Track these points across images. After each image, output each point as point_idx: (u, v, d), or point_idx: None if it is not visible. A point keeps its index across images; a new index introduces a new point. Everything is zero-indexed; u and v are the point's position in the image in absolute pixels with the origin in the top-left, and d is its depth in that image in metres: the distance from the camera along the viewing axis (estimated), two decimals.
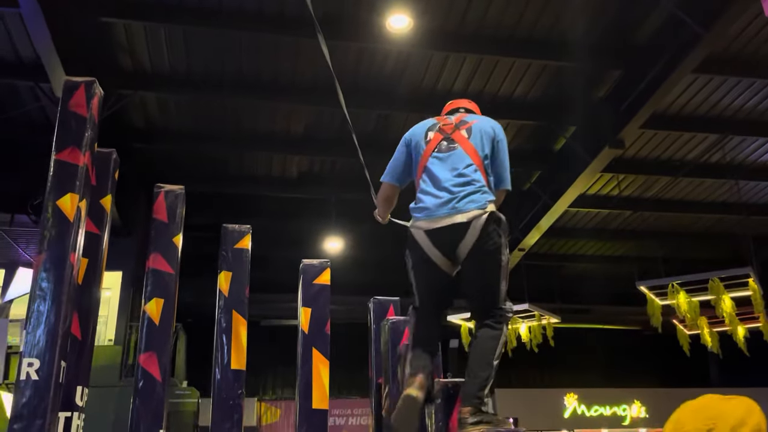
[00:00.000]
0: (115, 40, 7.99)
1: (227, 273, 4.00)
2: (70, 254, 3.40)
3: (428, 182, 2.97)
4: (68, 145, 3.58)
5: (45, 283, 3.32)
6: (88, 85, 3.72)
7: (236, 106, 9.29)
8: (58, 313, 3.28)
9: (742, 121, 9.94)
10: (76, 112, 3.66)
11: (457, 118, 3.19)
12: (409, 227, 2.97)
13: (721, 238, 13.72)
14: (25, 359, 3.17)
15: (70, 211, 3.45)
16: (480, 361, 2.66)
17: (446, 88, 9.13)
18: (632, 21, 8.03)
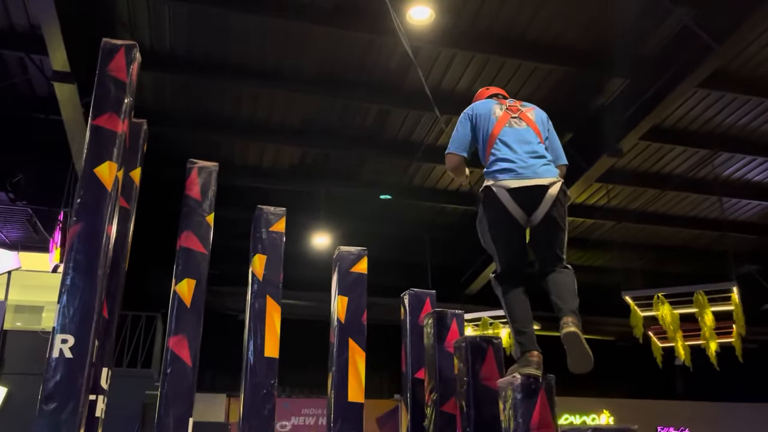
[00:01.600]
0: (117, 16, 7.68)
1: (261, 256, 3.82)
2: (108, 226, 3.19)
3: (505, 150, 3.38)
4: (106, 111, 3.39)
5: (81, 255, 3.10)
6: (128, 48, 3.51)
7: (235, 92, 9.04)
8: (94, 288, 3.08)
9: (733, 138, 10.12)
10: (115, 77, 3.46)
11: (516, 102, 3.66)
12: (491, 186, 3.28)
13: (699, 253, 13.99)
14: (59, 335, 2.96)
15: (109, 180, 3.25)
16: (571, 291, 3.22)
17: (450, 86, 9.06)
18: (642, 31, 8.08)
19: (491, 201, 3.25)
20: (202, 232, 3.70)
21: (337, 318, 3.78)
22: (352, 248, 4.00)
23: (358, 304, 3.82)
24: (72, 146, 8.38)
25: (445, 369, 3.32)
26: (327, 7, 7.65)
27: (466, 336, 3.15)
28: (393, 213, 12.32)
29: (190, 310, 3.52)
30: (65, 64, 7.12)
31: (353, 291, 3.85)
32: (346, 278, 3.88)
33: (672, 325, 10.66)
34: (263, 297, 3.71)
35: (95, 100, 3.40)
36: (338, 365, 3.66)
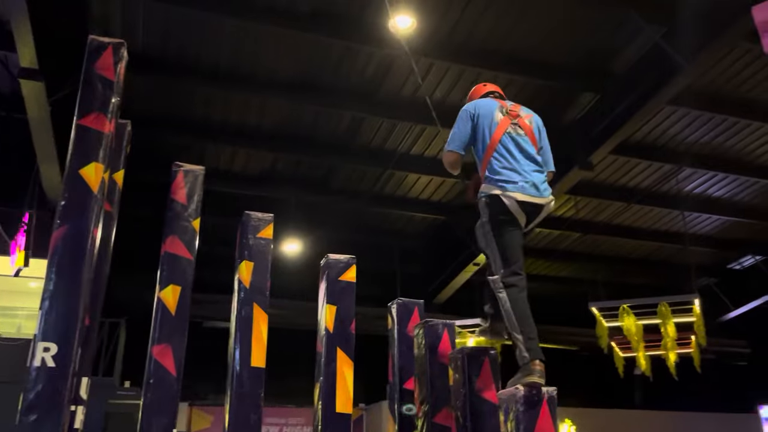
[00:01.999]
0: (89, 14, 7.48)
1: (249, 263, 3.73)
2: (93, 229, 3.08)
3: (508, 158, 3.49)
4: (93, 110, 3.28)
5: (64, 259, 2.98)
6: (116, 47, 3.41)
7: (208, 95, 8.89)
8: (78, 294, 2.96)
9: (696, 153, 10.41)
10: (102, 75, 3.35)
11: (515, 105, 3.75)
12: (499, 196, 3.39)
13: (659, 266, 14.32)
14: (41, 343, 2.84)
15: (95, 182, 3.14)
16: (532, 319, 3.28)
17: (425, 95, 9.07)
18: (614, 48, 8.26)
19: (500, 208, 3.39)
20: (187, 237, 3.60)
21: (325, 327, 3.72)
22: (340, 256, 3.94)
23: (347, 313, 3.76)
24: (36, 145, 8.09)
25: (438, 379, 3.29)
26: (304, 12, 7.60)
27: (463, 347, 3.13)
28: (363, 221, 12.29)
29: (175, 317, 3.41)
30: (33, 61, 6.88)
31: (342, 300, 3.79)
32: (335, 287, 3.82)
33: (636, 336, 10.87)
34: (250, 305, 3.63)
35: (81, 98, 3.28)
36: (326, 375, 3.60)
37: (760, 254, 13.68)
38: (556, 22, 7.87)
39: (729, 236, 13.16)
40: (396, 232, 12.78)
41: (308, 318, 10.48)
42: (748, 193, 11.62)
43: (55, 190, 8.90)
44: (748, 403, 15.54)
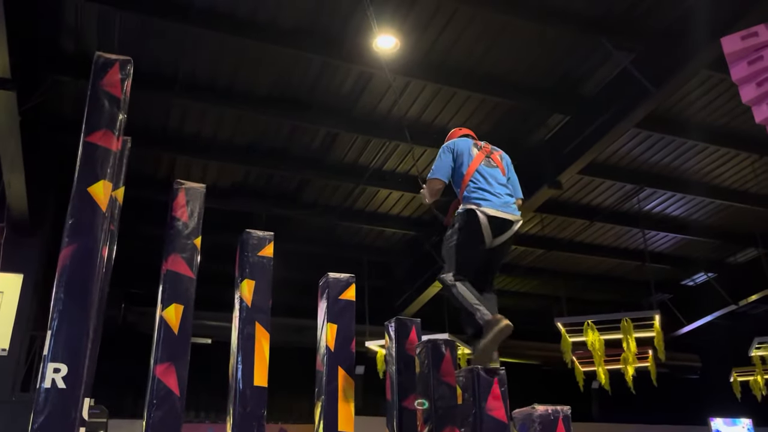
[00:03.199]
0: (62, 22, 7.34)
1: (250, 281, 3.72)
2: (102, 247, 3.04)
3: (483, 183, 4.01)
4: (100, 128, 3.25)
5: (74, 279, 2.94)
6: (123, 63, 3.39)
7: (184, 107, 8.79)
8: (88, 313, 2.92)
9: (656, 174, 10.81)
10: (109, 92, 3.33)
11: (487, 144, 4.35)
12: (474, 210, 3.88)
13: (617, 282, 14.75)
14: (51, 364, 2.78)
15: (103, 200, 3.12)
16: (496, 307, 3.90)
17: (399, 114, 9.19)
18: (584, 71, 8.55)
19: (471, 221, 3.86)
20: (189, 255, 3.58)
21: (326, 345, 3.74)
22: (340, 275, 3.98)
23: (348, 331, 3.79)
24: (3, 158, 7.86)
25: (442, 398, 3.34)
26: (286, 27, 7.62)
27: (473, 367, 3.20)
28: (333, 235, 12.30)
29: (178, 337, 3.38)
30: (5, 70, 6.71)
31: (342, 318, 3.82)
32: (335, 305, 3.85)
33: (599, 351, 11.15)
34: (252, 323, 3.62)
35: (88, 115, 3.24)
36: (327, 394, 3.61)
37: (712, 271, 14.23)
38: (529, 46, 8.10)
39: (684, 254, 13.67)
40: (365, 247, 12.83)
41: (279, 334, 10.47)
42: (703, 213, 12.11)
43: (20, 203, 8.65)
44: (699, 415, 16.09)
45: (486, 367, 3.18)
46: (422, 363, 3.56)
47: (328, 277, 3.95)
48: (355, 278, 4.00)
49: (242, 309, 3.66)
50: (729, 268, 14.06)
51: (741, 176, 10.92)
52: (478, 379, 3.02)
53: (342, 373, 3.66)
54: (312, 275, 11.27)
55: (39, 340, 9.34)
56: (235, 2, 7.24)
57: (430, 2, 7.33)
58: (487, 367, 3.18)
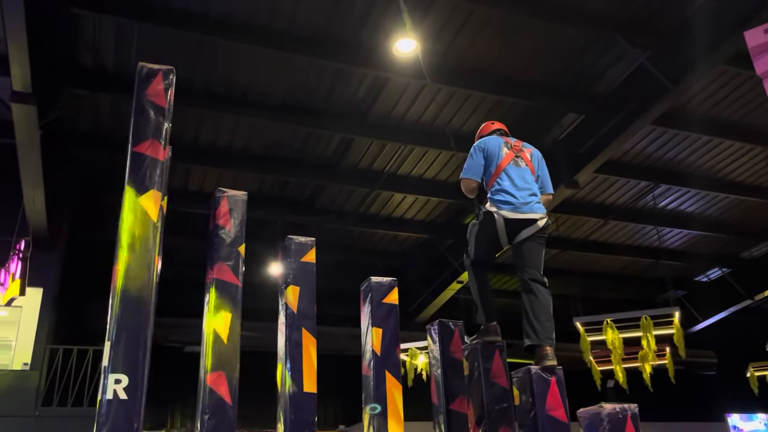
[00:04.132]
0: (80, 35, 7.36)
1: (294, 287, 3.71)
2: (155, 257, 3.04)
3: (508, 183, 4.10)
4: (147, 138, 3.25)
5: (130, 290, 2.93)
6: (165, 73, 3.39)
7: (199, 117, 8.80)
8: (145, 324, 2.91)
9: (670, 171, 10.80)
10: (154, 102, 3.33)
11: (518, 141, 4.41)
12: (493, 213, 4.04)
13: (631, 280, 14.73)
14: (112, 375, 2.77)
15: (154, 210, 3.10)
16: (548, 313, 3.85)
17: (415, 117, 9.21)
18: (598, 70, 8.55)
19: (489, 222, 4.06)
20: (234, 263, 3.56)
21: (372, 350, 3.72)
22: (382, 279, 3.96)
23: (393, 335, 3.78)
24: (23, 172, 7.86)
25: (494, 401, 3.32)
26: (302, 35, 7.63)
27: (528, 367, 3.18)
28: (348, 240, 12.28)
29: (227, 345, 3.37)
30: (27, 85, 6.72)
31: (386, 322, 3.80)
32: (379, 310, 3.83)
33: (619, 350, 11.10)
34: (299, 330, 3.60)
35: (135, 125, 3.24)
36: (376, 398, 3.59)
37: (726, 267, 14.21)
38: (544, 46, 8.11)
39: (697, 250, 13.65)
40: (380, 251, 12.83)
41: None
42: (717, 208, 12.09)
43: (39, 218, 8.65)
44: (716, 411, 16.02)
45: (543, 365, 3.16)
46: (471, 365, 3.55)
47: (370, 281, 3.93)
48: (397, 282, 3.99)
49: (288, 315, 3.65)
50: (743, 263, 14.04)
51: (755, 171, 10.91)
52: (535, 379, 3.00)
53: (390, 377, 3.64)
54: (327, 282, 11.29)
55: (59, 353, 9.34)
56: (250, 12, 7.26)
57: (445, 5, 7.34)
58: (545, 366, 3.17)
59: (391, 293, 3.88)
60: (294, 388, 3.47)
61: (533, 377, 3.05)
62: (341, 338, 12.02)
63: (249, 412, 13.18)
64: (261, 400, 10.18)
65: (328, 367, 12.23)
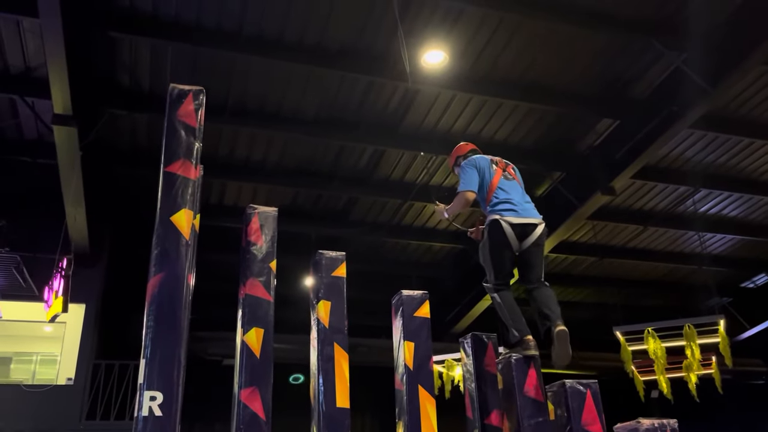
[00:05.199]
0: (118, 57, 7.56)
1: (326, 302, 3.71)
2: (187, 275, 3.08)
3: (504, 195, 4.35)
4: (179, 157, 3.29)
5: (163, 307, 2.97)
6: (195, 93, 3.45)
7: (233, 133, 8.94)
8: (179, 340, 2.94)
9: (711, 175, 10.53)
10: (185, 122, 3.38)
11: (501, 159, 4.66)
12: (498, 219, 4.20)
13: (673, 287, 14.37)
14: (147, 392, 2.80)
15: (186, 228, 3.15)
16: (555, 302, 4.13)
17: (446, 127, 9.19)
18: (633, 74, 8.40)
19: (497, 230, 4.19)
20: (266, 278, 3.58)
21: (405, 364, 3.70)
22: (413, 292, 3.94)
23: (425, 349, 3.75)
24: (65, 191, 8.09)
25: (529, 415, 3.27)
26: (332, 49, 7.70)
27: (563, 381, 3.12)
28: (381, 252, 12.29)
29: (260, 360, 3.38)
30: (68, 107, 6.93)
31: (419, 336, 3.78)
32: (411, 323, 3.81)
33: (662, 359, 10.83)
34: (331, 345, 3.60)
35: (166, 145, 3.30)
36: (410, 413, 3.57)
37: None
38: (575, 51, 8.01)
39: (742, 255, 13.25)
40: (413, 262, 12.80)
41: None
42: (761, 213, 11.74)
43: (81, 235, 8.88)
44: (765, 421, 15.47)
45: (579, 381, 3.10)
46: (505, 379, 3.50)
47: (401, 295, 3.92)
48: (428, 295, 3.96)
49: (320, 330, 3.65)
50: None
51: None
52: (570, 394, 2.94)
53: (423, 391, 3.61)
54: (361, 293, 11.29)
55: (102, 368, 9.53)
56: (281, 28, 7.36)
57: (474, 14, 7.32)
58: (580, 381, 3.11)
59: (422, 306, 3.85)
60: (327, 404, 3.47)
61: (568, 391, 2.99)
62: (378, 350, 12.01)
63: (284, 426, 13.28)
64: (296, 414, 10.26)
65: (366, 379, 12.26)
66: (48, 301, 7.86)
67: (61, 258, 8.14)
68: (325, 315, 3.70)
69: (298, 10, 7.12)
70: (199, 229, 3.60)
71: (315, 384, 3.59)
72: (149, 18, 7.08)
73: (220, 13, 7.13)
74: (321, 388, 3.55)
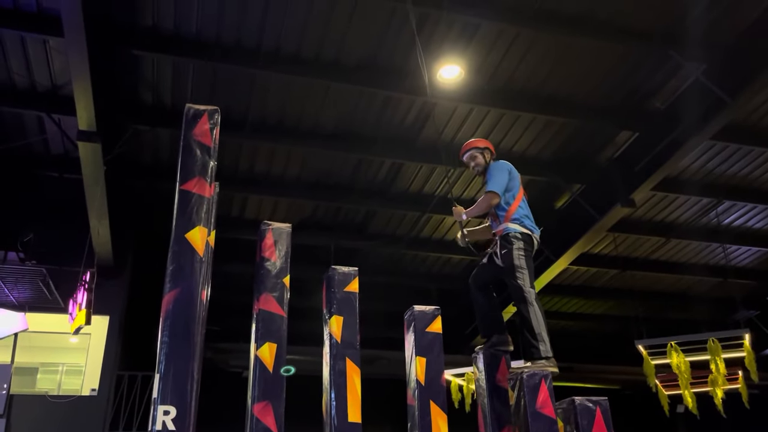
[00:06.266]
0: (140, 74, 7.73)
1: (338, 317, 3.77)
2: (201, 291, 3.15)
3: (527, 209, 4.53)
4: (194, 176, 3.39)
5: (177, 322, 3.05)
6: (210, 113, 3.55)
7: (253, 148, 9.07)
8: (193, 355, 3.01)
9: (735, 186, 10.39)
10: (200, 141, 3.48)
11: None
12: (531, 235, 4.41)
13: (698, 300, 14.13)
14: (161, 407, 2.89)
15: (200, 245, 3.23)
16: None
17: (463, 140, 9.14)
18: (652, 86, 8.36)
19: (531, 244, 4.37)
20: (279, 294, 3.65)
21: (416, 380, 3.72)
22: (425, 307, 3.98)
23: (437, 364, 3.78)
24: (90, 205, 8.27)
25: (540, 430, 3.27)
26: (350, 64, 7.79)
27: (572, 398, 3.12)
28: (401, 265, 12.32)
29: (273, 375, 3.44)
30: (92, 124, 7.11)
31: (431, 351, 3.81)
32: (423, 338, 3.84)
33: (685, 374, 10.66)
34: (343, 359, 3.65)
35: (182, 164, 3.39)
36: (421, 428, 3.59)
37: None
38: (593, 64, 8.00)
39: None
40: (433, 275, 12.79)
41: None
42: None
43: (105, 248, 9.05)
44: None
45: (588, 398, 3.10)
46: (518, 395, 3.50)
47: (413, 310, 3.95)
48: (440, 310, 3.99)
49: (332, 345, 3.70)
50: None
51: None
52: (579, 411, 2.94)
53: (434, 407, 3.63)
54: (381, 306, 11.34)
55: (125, 379, 9.68)
56: (299, 44, 7.47)
57: (491, 29, 7.36)
58: (590, 398, 3.10)
59: (434, 322, 3.88)
60: (339, 418, 3.51)
61: (578, 408, 2.99)
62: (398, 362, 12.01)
63: None
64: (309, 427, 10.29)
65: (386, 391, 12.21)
66: (72, 313, 8.03)
67: (84, 271, 8.32)
68: (337, 330, 3.75)
69: (316, 27, 7.23)
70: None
71: (327, 399, 3.64)
72: (171, 36, 7.23)
73: (239, 31, 7.26)
74: (333, 402, 3.59)
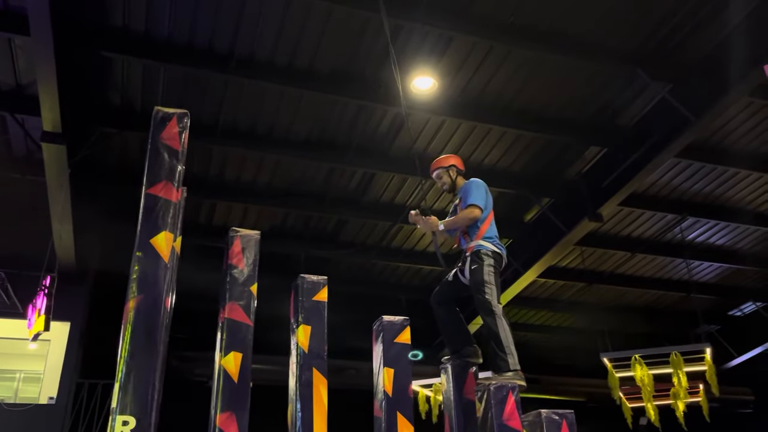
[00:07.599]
0: (109, 76, 7.59)
1: (306, 327, 3.72)
2: (165, 298, 3.08)
3: (495, 228, 4.64)
4: (161, 179, 3.33)
5: (140, 330, 2.97)
6: (180, 117, 3.49)
7: (224, 153, 8.96)
8: (155, 365, 2.94)
9: (698, 203, 10.62)
10: (168, 145, 3.42)
11: None
12: (500, 253, 4.52)
13: (662, 314, 14.39)
14: (119, 417, 2.80)
15: (165, 251, 3.16)
16: None
17: (435, 152, 9.22)
18: (620, 103, 8.52)
19: (500, 263, 4.47)
20: (246, 302, 3.60)
21: (384, 391, 3.69)
22: (394, 318, 3.95)
23: (404, 375, 3.75)
24: (53, 208, 8.08)
25: None
26: (324, 73, 7.78)
27: (539, 411, 3.13)
28: (371, 274, 12.28)
29: (237, 385, 3.38)
30: (57, 125, 6.95)
31: (398, 362, 3.78)
32: (391, 349, 3.82)
33: (648, 387, 10.81)
34: (310, 370, 3.60)
35: (149, 168, 3.33)
36: None
37: (761, 300, 13.82)
38: (564, 80, 8.12)
39: (730, 283, 13.32)
40: (403, 285, 12.78)
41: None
42: (748, 241, 11.83)
43: (68, 253, 8.84)
44: None
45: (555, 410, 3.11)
46: (484, 407, 3.49)
47: (382, 320, 3.92)
48: (409, 321, 3.97)
49: (299, 355, 3.65)
50: None
51: None
52: (546, 423, 2.95)
53: (401, 419, 3.60)
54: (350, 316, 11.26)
55: (85, 387, 9.44)
56: (273, 51, 7.43)
57: (465, 42, 7.42)
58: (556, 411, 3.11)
59: (403, 332, 3.86)
60: (304, 430, 3.45)
61: (544, 421, 2.99)
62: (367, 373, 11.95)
63: None
64: None
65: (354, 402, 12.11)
66: (31, 319, 7.81)
67: (45, 276, 8.10)
68: (304, 339, 3.71)
69: (290, 34, 7.20)
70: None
71: (293, 409, 3.58)
72: (142, 38, 7.13)
73: (212, 35, 7.20)
74: (299, 413, 3.54)
